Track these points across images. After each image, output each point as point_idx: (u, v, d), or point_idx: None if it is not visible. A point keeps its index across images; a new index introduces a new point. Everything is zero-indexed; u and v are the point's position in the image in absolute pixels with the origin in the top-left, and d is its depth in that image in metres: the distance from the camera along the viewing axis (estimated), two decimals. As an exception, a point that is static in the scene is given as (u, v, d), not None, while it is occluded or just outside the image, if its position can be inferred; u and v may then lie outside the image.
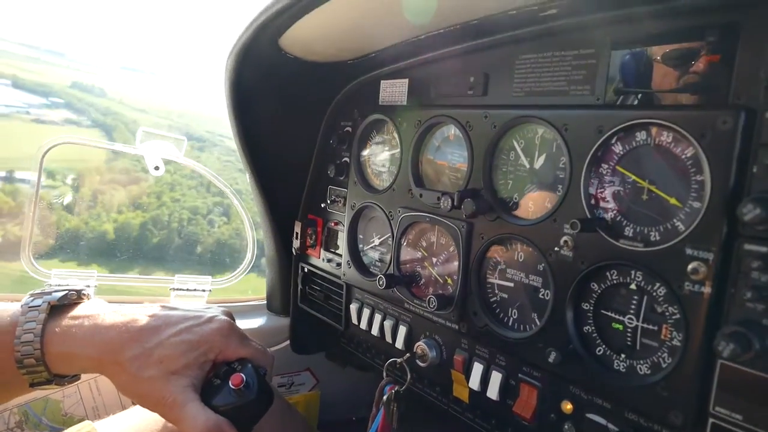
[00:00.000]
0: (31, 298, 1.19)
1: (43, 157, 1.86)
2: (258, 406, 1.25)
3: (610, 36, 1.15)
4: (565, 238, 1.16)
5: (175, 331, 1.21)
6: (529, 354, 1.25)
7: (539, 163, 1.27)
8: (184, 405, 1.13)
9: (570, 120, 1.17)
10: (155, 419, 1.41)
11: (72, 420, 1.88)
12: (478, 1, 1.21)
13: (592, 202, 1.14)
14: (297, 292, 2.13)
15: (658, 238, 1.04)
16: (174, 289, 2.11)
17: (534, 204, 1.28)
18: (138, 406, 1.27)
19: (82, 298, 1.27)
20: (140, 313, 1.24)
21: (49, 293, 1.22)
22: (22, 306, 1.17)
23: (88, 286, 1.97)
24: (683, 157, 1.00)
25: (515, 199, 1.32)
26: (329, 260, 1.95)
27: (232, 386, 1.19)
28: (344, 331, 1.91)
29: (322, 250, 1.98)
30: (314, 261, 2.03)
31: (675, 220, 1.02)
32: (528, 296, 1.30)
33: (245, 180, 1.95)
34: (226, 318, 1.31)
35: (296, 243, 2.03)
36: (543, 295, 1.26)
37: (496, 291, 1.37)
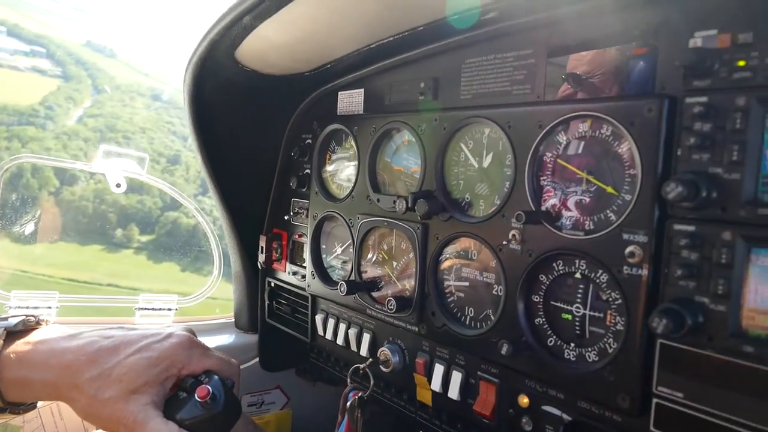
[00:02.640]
0: None
1: (2, 175, 1.84)
2: (225, 418, 1.23)
3: (547, 37, 1.20)
4: (513, 231, 1.19)
5: (133, 350, 1.19)
6: (485, 350, 1.26)
7: (487, 161, 1.30)
8: (145, 423, 1.11)
9: (513, 118, 1.21)
10: None
11: (32, 446, 1.83)
12: (423, 7, 1.26)
13: (537, 195, 1.17)
14: (264, 308, 2.12)
15: (594, 226, 1.07)
16: (139, 308, 2.08)
17: (485, 202, 1.31)
18: (102, 431, 1.25)
19: (41, 324, 1.25)
20: (98, 335, 1.22)
21: (5, 319, 1.20)
22: None
23: (50, 308, 1.93)
24: (618, 149, 1.04)
25: (467, 198, 1.35)
26: (294, 273, 1.95)
27: (198, 399, 1.18)
28: (311, 343, 1.90)
29: (287, 264, 1.99)
30: (280, 275, 2.03)
31: (612, 208, 1.05)
32: (483, 293, 1.32)
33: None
34: (185, 333, 1.30)
35: (261, 257, 2.03)
36: (497, 291, 1.28)
37: (453, 291, 1.39)
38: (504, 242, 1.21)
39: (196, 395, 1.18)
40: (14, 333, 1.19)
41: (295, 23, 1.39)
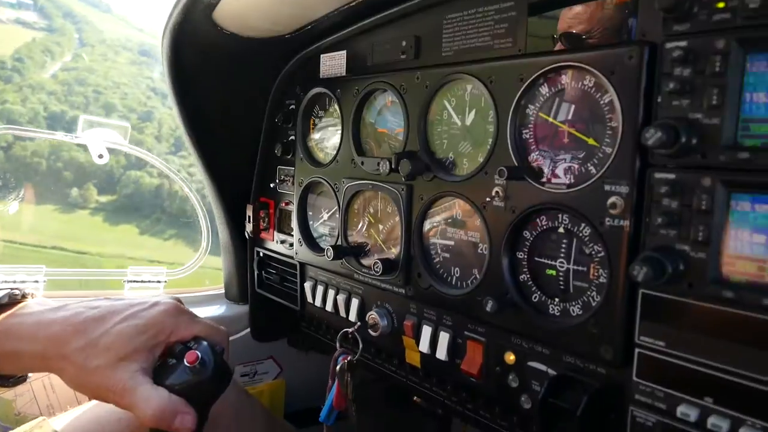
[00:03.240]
0: None
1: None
2: (215, 383, 1.23)
3: (527, -13, 1.17)
4: (496, 188, 1.18)
5: (120, 318, 1.19)
6: (471, 309, 1.26)
7: (470, 119, 1.28)
8: (134, 389, 1.11)
9: (494, 72, 1.19)
10: (112, 410, 1.38)
11: (25, 419, 1.83)
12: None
13: (520, 150, 1.16)
14: (254, 278, 2.11)
15: (575, 179, 1.06)
16: (128, 281, 2.08)
17: (468, 160, 1.29)
18: (94, 400, 1.25)
19: (26, 297, 1.24)
20: (84, 306, 1.21)
21: None
22: None
23: (37, 281, 1.92)
24: (600, 99, 1.03)
25: (451, 158, 1.34)
26: (283, 242, 1.94)
27: (187, 364, 1.18)
28: (301, 311, 1.90)
29: (275, 233, 1.97)
30: (269, 244, 2.02)
31: (593, 161, 1.04)
32: (468, 253, 1.31)
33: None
34: (172, 300, 1.30)
35: (249, 227, 2.02)
36: (481, 249, 1.27)
37: (439, 251, 1.38)
38: (487, 199, 1.20)
39: (185, 360, 1.18)
40: (0, 306, 1.18)
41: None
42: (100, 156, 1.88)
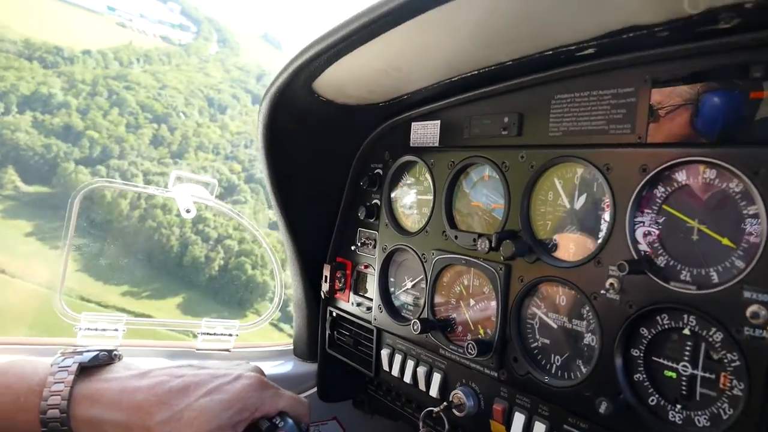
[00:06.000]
0: (62, 358, 1.16)
1: (75, 199, 1.87)
2: None
3: (650, 74, 1.13)
4: (610, 280, 1.12)
5: (204, 392, 1.17)
6: (576, 404, 1.19)
7: (579, 203, 1.24)
8: None
9: (612, 159, 1.14)
10: None
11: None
12: (512, 43, 1.22)
13: (639, 243, 1.10)
14: (325, 337, 2.08)
15: (713, 280, 0.99)
16: (201, 333, 2.08)
17: (575, 245, 1.24)
18: None
19: (113, 360, 1.24)
20: (168, 375, 1.20)
21: (80, 353, 1.19)
22: (51, 365, 1.15)
23: (116, 330, 1.95)
24: (733, 193, 0.97)
25: (554, 240, 1.29)
26: (359, 304, 1.91)
27: None
28: (375, 377, 1.85)
29: (351, 294, 1.95)
30: (343, 305, 2.00)
31: (729, 262, 0.97)
32: (572, 342, 1.25)
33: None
34: (255, 373, 1.27)
35: (325, 286, 2.01)
36: (588, 340, 1.20)
37: (537, 336, 1.32)
38: (601, 291, 1.14)
39: None
40: (87, 368, 1.18)
41: (380, 56, 1.37)
42: (188, 210, 1.92)
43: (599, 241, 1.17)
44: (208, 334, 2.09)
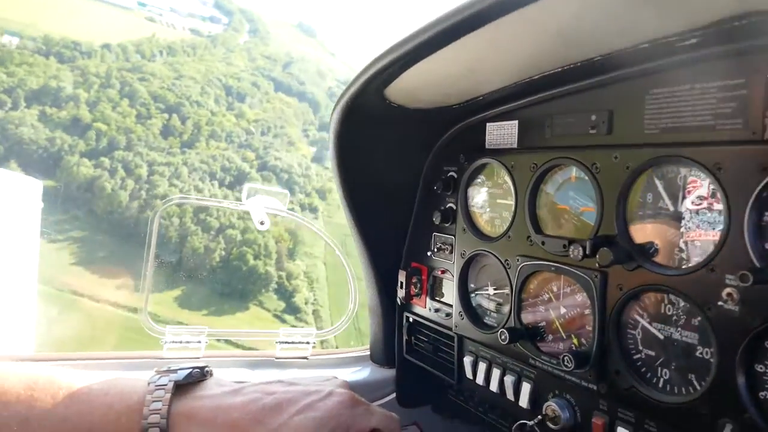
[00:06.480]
0: (158, 376, 1.18)
1: (155, 216, 1.92)
2: None
3: (765, 63, 1.03)
4: (728, 290, 1.03)
5: (296, 409, 1.16)
6: (690, 422, 1.11)
7: (684, 206, 1.15)
8: None
9: (723, 158, 1.05)
10: None
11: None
12: (606, 37, 1.14)
13: (759, 248, 1.01)
14: (403, 343, 2.06)
15: None
16: (279, 342, 2.10)
17: (681, 251, 1.16)
18: None
19: (205, 376, 1.26)
20: (260, 392, 1.20)
21: (175, 371, 1.21)
22: (149, 383, 1.17)
23: (199, 342, 2.00)
24: None
25: (656, 245, 1.20)
26: (437, 310, 1.87)
27: None
28: (458, 385, 1.82)
29: (428, 299, 1.92)
30: (420, 310, 1.97)
31: None
32: (681, 354, 1.16)
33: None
34: (346, 390, 1.26)
35: (401, 292, 1.98)
36: (701, 353, 1.12)
37: (641, 347, 1.24)
38: (718, 302, 1.05)
39: None
40: (181, 386, 1.20)
41: (455, 60, 1.32)
42: (261, 223, 1.94)
43: (711, 247, 1.08)
44: (285, 342, 2.11)
